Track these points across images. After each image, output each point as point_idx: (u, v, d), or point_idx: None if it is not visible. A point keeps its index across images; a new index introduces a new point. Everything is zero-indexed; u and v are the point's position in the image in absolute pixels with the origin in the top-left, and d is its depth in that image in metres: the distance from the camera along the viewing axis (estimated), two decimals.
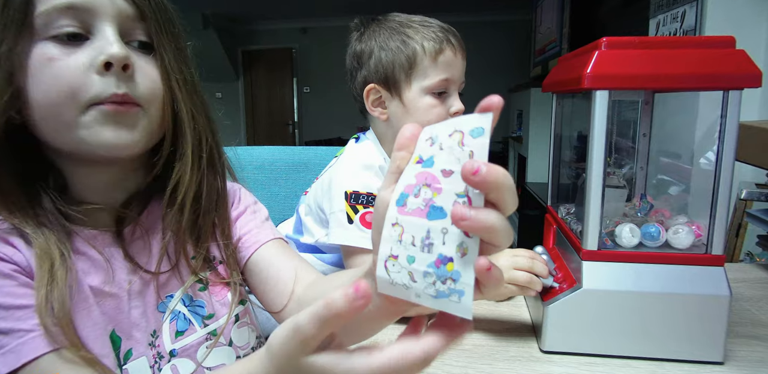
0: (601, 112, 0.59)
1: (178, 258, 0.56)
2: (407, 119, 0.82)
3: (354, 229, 0.77)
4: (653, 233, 0.63)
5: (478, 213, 0.27)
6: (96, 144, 0.46)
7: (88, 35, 0.46)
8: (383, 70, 0.81)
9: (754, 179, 1.35)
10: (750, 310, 0.77)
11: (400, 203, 0.31)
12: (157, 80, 0.49)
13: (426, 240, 0.29)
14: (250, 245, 0.61)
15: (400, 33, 0.80)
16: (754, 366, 0.61)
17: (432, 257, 0.29)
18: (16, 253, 0.46)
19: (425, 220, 0.29)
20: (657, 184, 0.80)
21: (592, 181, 0.61)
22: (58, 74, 0.44)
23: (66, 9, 0.44)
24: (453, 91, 0.82)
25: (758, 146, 0.94)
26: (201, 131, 0.54)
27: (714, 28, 1.60)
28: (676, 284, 0.61)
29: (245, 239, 0.61)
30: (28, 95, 0.44)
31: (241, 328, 0.59)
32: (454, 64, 0.81)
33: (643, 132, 0.78)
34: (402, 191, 0.31)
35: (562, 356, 0.64)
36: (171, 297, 0.55)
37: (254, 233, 0.61)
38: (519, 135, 3.77)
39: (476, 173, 0.27)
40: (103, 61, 0.44)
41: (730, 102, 0.57)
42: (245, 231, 0.62)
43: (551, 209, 0.83)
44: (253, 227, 0.62)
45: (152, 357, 0.52)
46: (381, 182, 0.81)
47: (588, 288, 0.62)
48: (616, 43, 0.59)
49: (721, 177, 0.59)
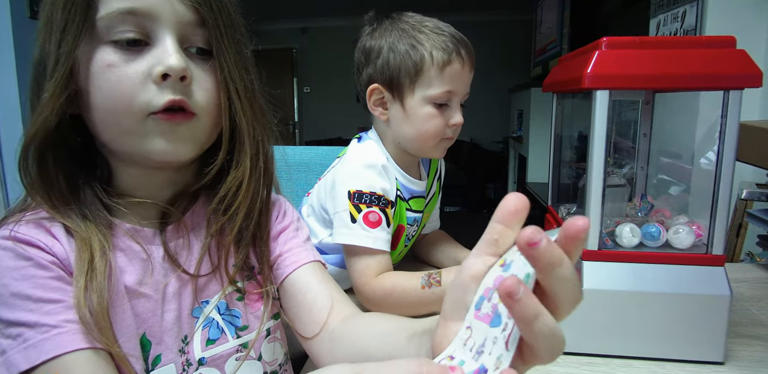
0: (601, 112, 0.59)
1: (219, 262, 0.54)
2: (405, 124, 0.82)
3: (357, 228, 0.77)
4: (654, 233, 0.63)
5: (528, 297, 0.25)
6: (151, 152, 0.47)
7: (148, 41, 0.46)
8: (389, 72, 0.80)
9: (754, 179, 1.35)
10: (750, 310, 0.77)
11: (477, 307, 0.30)
12: (214, 90, 0.49)
13: (481, 347, 0.28)
14: (289, 264, 0.58)
15: (410, 36, 0.79)
16: (754, 366, 0.61)
17: (475, 365, 0.28)
18: (56, 244, 0.45)
19: (488, 327, 0.29)
20: (657, 184, 0.80)
21: (592, 181, 0.61)
22: (116, 82, 0.44)
23: (127, 14, 0.44)
24: (455, 104, 0.81)
25: (759, 146, 0.94)
26: (259, 141, 0.53)
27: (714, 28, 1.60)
28: (677, 284, 0.61)
29: (285, 256, 0.59)
30: (89, 97, 0.45)
31: (271, 343, 0.58)
32: (461, 77, 0.79)
33: (644, 132, 0.78)
34: (481, 294, 0.30)
35: (563, 356, 0.64)
36: (207, 302, 0.54)
37: (295, 253, 0.59)
38: (519, 135, 3.77)
39: (533, 245, 0.25)
40: (160, 72, 0.44)
41: (731, 102, 0.57)
42: (286, 249, 0.59)
43: (551, 209, 0.83)
44: (294, 245, 0.60)
45: (181, 365, 0.50)
46: (384, 181, 0.82)
47: (588, 287, 0.62)
48: (616, 43, 0.59)
49: (721, 177, 0.59)
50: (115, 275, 0.47)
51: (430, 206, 0.95)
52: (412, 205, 0.89)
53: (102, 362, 0.43)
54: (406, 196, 0.87)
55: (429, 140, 0.82)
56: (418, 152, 0.85)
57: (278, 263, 0.59)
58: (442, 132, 0.81)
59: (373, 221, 0.77)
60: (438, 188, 0.98)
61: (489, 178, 5.01)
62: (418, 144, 0.83)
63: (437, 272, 0.74)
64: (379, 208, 0.78)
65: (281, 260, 0.59)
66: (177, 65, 0.45)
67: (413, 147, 0.84)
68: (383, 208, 0.79)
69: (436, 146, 0.84)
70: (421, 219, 0.93)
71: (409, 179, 0.88)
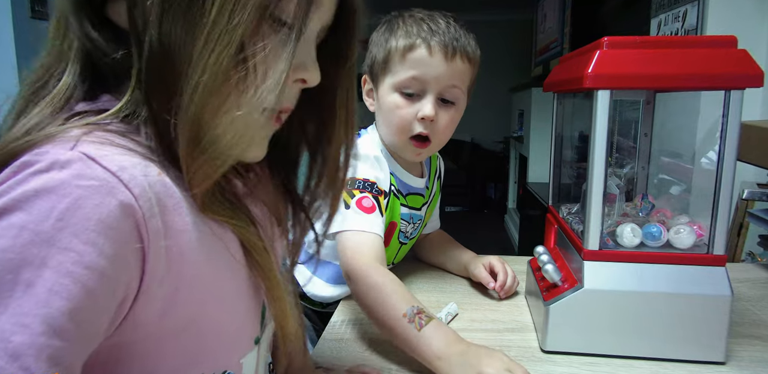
0: (602, 111, 0.59)
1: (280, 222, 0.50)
2: (379, 115, 0.82)
3: (351, 213, 0.75)
4: (655, 233, 0.63)
5: None
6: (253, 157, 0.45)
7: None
8: (370, 62, 0.82)
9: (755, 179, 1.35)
10: (751, 310, 0.77)
11: None
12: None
13: None
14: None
15: (391, 30, 0.79)
16: (755, 366, 0.61)
17: None
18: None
19: None
20: (658, 184, 0.80)
21: (593, 181, 0.61)
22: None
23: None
24: (429, 96, 0.77)
25: (760, 145, 0.94)
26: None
27: (715, 28, 1.60)
28: (678, 284, 0.61)
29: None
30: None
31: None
32: (429, 63, 0.76)
33: (645, 132, 0.78)
34: None
35: (564, 356, 0.64)
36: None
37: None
38: (520, 135, 3.76)
39: None
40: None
41: (732, 102, 0.57)
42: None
43: (552, 209, 0.83)
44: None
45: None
46: (377, 171, 0.81)
47: (589, 287, 0.62)
48: (617, 43, 0.59)
49: (722, 177, 0.59)
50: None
51: (431, 206, 0.95)
52: (409, 201, 0.88)
53: None
54: (402, 191, 0.86)
55: (397, 134, 0.80)
56: (395, 149, 0.83)
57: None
58: (409, 125, 0.78)
59: (366, 207, 0.76)
60: (438, 188, 0.98)
61: (490, 178, 5.01)
62: (390, 139, 0.82)
63: (428, 316, 0.62)
64: (372, 195, 0.77)
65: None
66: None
67: (390, 142, 0.83)
68: (376, 196, 0.78)
69: (407, 144, 0.80)
70: (424, 218, 0.93)
71: (406, 174, 0.87)
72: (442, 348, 0.58)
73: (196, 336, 0.38)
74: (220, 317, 0.40)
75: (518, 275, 0.85)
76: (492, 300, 0.83)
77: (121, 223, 0.30)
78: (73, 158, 0.30)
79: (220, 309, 0.40)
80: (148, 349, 0.36)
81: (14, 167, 0.30)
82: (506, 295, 0.83)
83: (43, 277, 0.28)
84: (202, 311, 0.38)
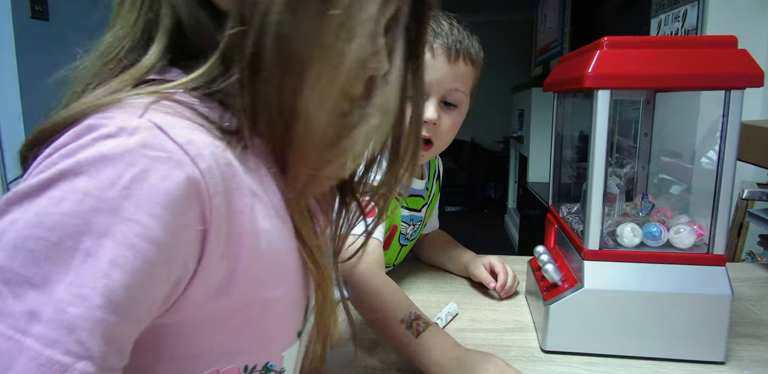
0: (602, 111, 0.59)
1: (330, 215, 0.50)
2: None
3: None
4: (655, 232, 0.63)
5: None
6: None
7: None
8: None
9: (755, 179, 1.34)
10: (751, 310, 0.77)
11: None
12: None
13: None
14: None
15: None
16: (755, 366, 0.61)
17: None
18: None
19: None
20: (658, 183, 0.80)
21: (593, 180, 0.61)
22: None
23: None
24: (430, 97, 0.75)
25: (760, 145, 0.94)
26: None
27: (715, 28, 1.60)
28: (678, 283, 0.61)
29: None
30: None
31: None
32: (431, 66, 0.73)
33: (645, 131, 0.78)
34: None
35: (564, 356, 0.64)
36: None
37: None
38: (520, 135, 3.76)
39: None
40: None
41: (732, 102, 0.57)
42: None
43: (552, 209, 0.83)
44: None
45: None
46: (378, 174, 0.80)
47: (589, 287, 0.62)
48: (617, 43, 0.59)
49: (722, 177, 0.59)
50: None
51: (430, 207, 0.95)
52: (410, 203, 0.88)
53: None
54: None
55: None
56: None
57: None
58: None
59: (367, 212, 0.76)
60: (437, 189, 0.98)
61: (490, 178, 5.01)
62: None
63: (426, 322, 0.62)
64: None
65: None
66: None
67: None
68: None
69: None
70: (423, 219, 0.93)
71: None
72: (440, 355, 0.58)
73: (243, 324, 0.36)
74: (269, 305, 0.38)
75: (518, 275, 0.85)
76: (492, 299, 0.83)
77: (185, 198, 0.28)
78: (141, 126, 0.28)
79: (270, 296, 0.38)
80: (192, 334, 0.34)
81: (79, 129, 0.29)
82: (506, 295, 0.83)
83: (105, 247, 0.26)
84: (253, 297, 0.36)
